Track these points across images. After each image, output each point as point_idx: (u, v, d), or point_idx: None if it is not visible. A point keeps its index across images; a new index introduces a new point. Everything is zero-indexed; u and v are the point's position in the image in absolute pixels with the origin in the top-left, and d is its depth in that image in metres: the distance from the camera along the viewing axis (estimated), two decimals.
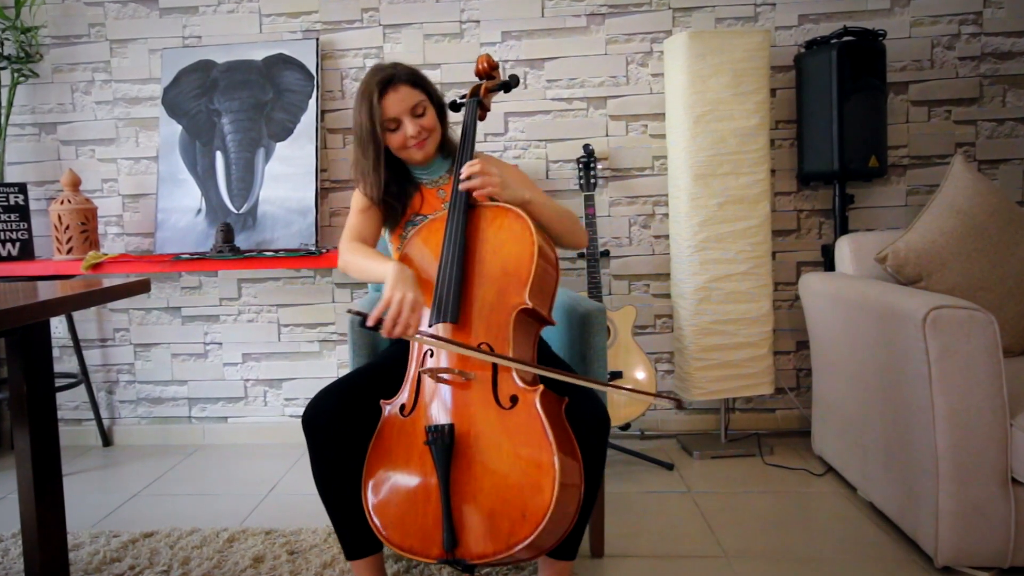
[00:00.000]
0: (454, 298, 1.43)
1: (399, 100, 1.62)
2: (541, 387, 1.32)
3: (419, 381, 1.43)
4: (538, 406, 1.29)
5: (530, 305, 1.41)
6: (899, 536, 1.92)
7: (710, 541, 1.95)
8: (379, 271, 1.51)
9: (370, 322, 1.37)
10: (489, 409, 1.33)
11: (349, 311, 1.40)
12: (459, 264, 1.46)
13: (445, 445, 1.30)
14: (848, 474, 2.21)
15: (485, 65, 1.77)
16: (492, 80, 1.77)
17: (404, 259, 1.56)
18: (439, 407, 1.37)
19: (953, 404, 1.66)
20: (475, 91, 1.73)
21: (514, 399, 1.33)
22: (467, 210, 1.53)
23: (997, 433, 1.66)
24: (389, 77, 1.63)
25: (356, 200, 1.73)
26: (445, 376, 1.39)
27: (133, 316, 2.92)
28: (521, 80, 2.72)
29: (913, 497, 1.80)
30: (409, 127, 1.63)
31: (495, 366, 1.36)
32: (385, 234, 1.77)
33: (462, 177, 1.52)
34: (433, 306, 1.45)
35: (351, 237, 1.67)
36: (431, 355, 1.44)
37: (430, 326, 1.44)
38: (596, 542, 1.88)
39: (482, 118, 1.74)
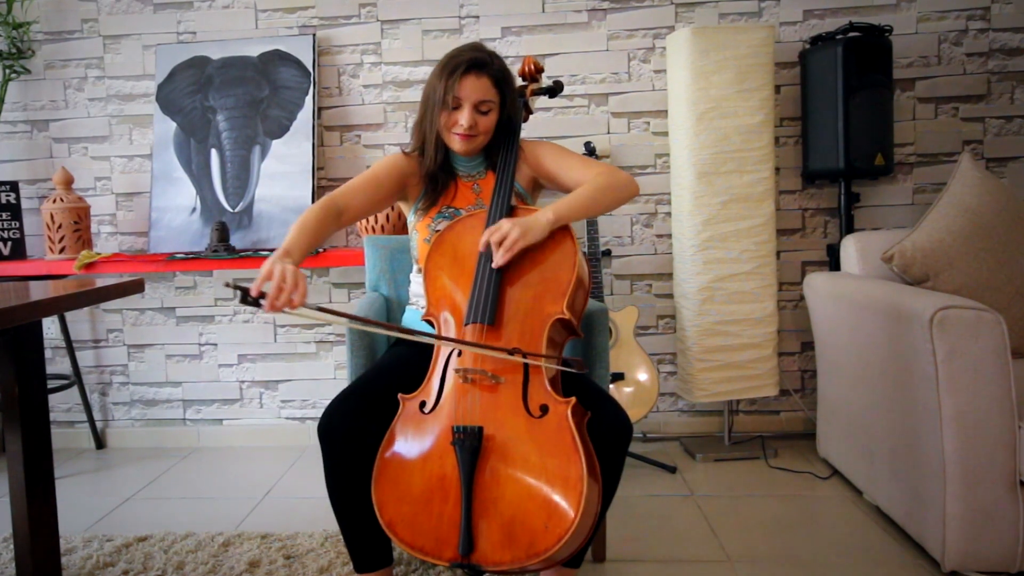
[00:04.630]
0: (492, 300, 1.41)
1: (475, 87, 1.57)
2: (574, 400, 1.31)
3: (443, 379, 1.40)
4: (570, 420, 1.28)
5: (567, 316, 1.41)
6: (905, 540, 1.90)
7: (713, 545, 1.93)
8: (281, 246, 1.45)
9: (253, 292, 1.30)
10: (518, 416, 1.32)
11: (227, 284, 1.33)
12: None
13: (472, 447, 1.28)
14: (854, 477, 2.19)
15: (532, 67, 1.76)
16: (537, 83, 1.75)
17: (437, 250, 1.53)
18: (466, 408, 1.35)
19: (960, 406, 1.65)
20: (520, 92, 1.71)
21: (544, 408, 1.32)
22: (509, 212, 1.53)
23: (1005, 435, 1.65)
24: (482, 62, 1.58)
25: (379, 166, 1.67)
26: (475, 377, 1.37)
27: (127, 316, 2.89)
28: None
29: (920, 500, 1.78)
30: (465, 117, 1.58)
31: (526, 374, 1.35)
32: (411, 218, 1.72)
33: (481, 245, 1.47)
34: (469, 306, 1.43)
35: (336, 197, 1.59)
36: (459, 354, 1.42)
37: (465, 326, 1.42)
38: (598, 546, 1.86)
39: (525, 120, 1.73)
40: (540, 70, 1.78)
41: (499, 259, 1.43)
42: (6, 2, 2.69)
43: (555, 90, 1.80)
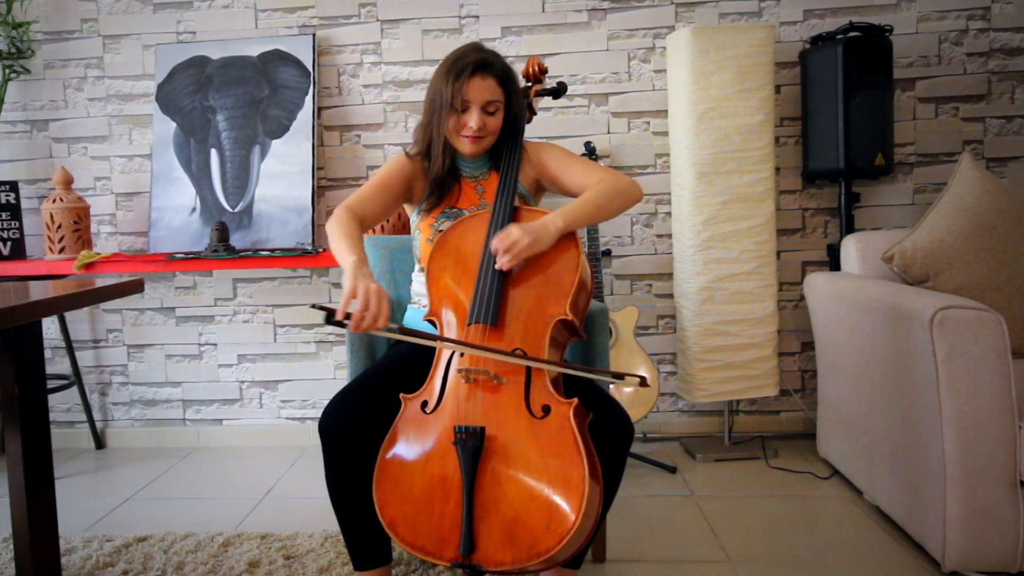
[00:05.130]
0: (495, 300, 1.41)
1: (482, 89, 1.57)
2: (575, 401, 1.31)
3: (445, 379, 1.40)
4: (572, 421, 1.28)
5: (569, 317, 1.41)
6: (906, 540, 1.90)
7: (714, 545, 1.92)
8: (340, 257, 1.45)
9: (339, 315, 1.31)
10: (520, 416, 1.32)
11: (314, 306, 1.35)
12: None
13: (474, 447, 1.28)
14: (854, 477, 2.19)
15: (536, 69, 1.76)
16: (541, 84, 1.75)
17: (440, 251, 1.53)
18: (468, 408, 1.35)
19: (961, 406, 1.65)
20: (524, 93, 1.70)
21: (546, 409, 1.32)
22: (512, 213, 1.53)
23: (1006, 436, 1.65)
24: (487, 63, 1.57)
25: (385, 170, 1.66)
26: (477, 377, 1.37)
27: (126, 317, 2.88)
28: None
29: (920, 500, 1.78)
30: (474, 119, 1.57)
31: (529, 374, 1.35)
32: (413, 217, 1.72)
33: (491, 249, 1.47)
34: (472, 306, 1.43)
35: (353, 206, 1.58)
36: (461, 354, 1.42)
37: (467, 326, 1.42)
38: (598, 546, 1.85)
39: (528, 121, 1.73)
40: (544, 71, 1.78)
41: (504, 263, 1.43)
42: (6, 2, 2.69)
43: (559, 91, 1.79)
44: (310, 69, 2.68)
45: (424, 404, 1.39)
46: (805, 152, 2.59)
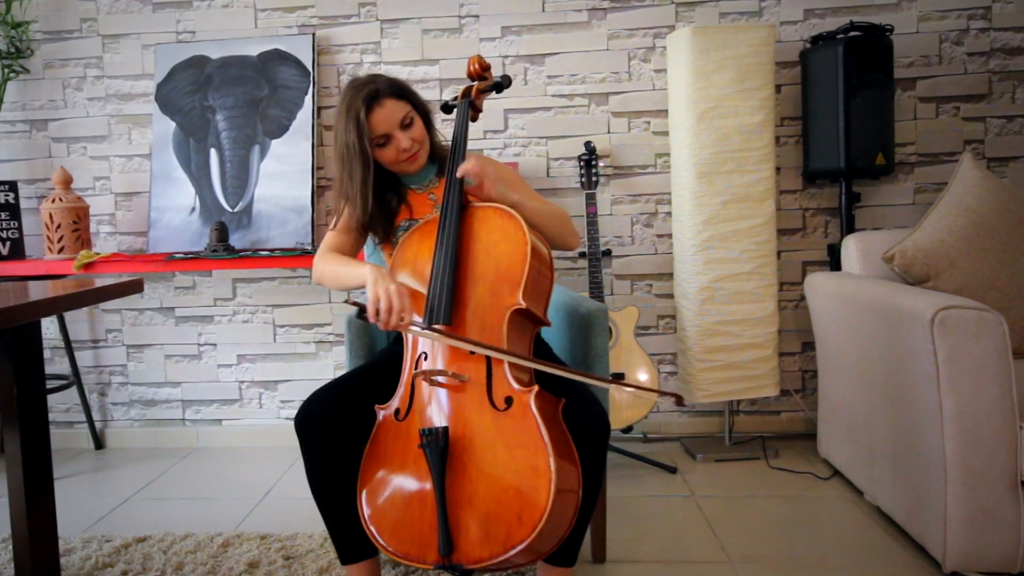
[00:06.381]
0: (447, 300, 1.42)
1: (387, 115, 1.57)
2: (536, 387, 1.31)
3: (413, 385, 1.41)
4: (533, 408, 1.28)
5: (524, 305, 1.40)
6: (907, 541, 1.90)
7: (714, 546, 1.92)
8: (355, 274, 1.50)
9: (370, 317, 1.37)
10: (483, 411, 1.32)
11: (347, 301, 1.40)
12: (452, 265, 1.44)
13: (439, 448, 1.29)
14: (854, 478, 2.18)
15: (477, 66, 1.76)
16: (484, 81, 1.75)
17: (397, 262, 1.55)
18: (434, 410, 1.36)
19: (961, 406, 1.65)
20: (466, 92, 1.71)
21: (508, 400, 1.32)
22: (460, 211, 1.52)
23: (1006, 436, 1.64)
24: (374, 92, 1.56)
25: (342, 222, 1.68)
26: (439, 379, 1.38)
27: (126, 317, 2.88)
28: (521, 76, 2.69)
29: (921, 501, 1.78)
30: (402, 141, 1.59)
31: (489, 368, 1.35)
32: (374, 241, 1.73)
33: (459, 174, 1.51)
34: (426, 308, 1.43)
35: (327, 250, 1.65)
36: (425, 358, 1.43)
37: (424, 329, 1.42)
38: (598, 547, 1.85)
39: (474, 119, 1.73)
40: (485, 67, 1.76)
41: (461, 170, 1.49)
42: (5, 2, 2.69)
43: (502, 85, 1.77)
44: (310, 69, 2.68)
45: (396, 412, 1.41)
46: (805, 152, 2.59)
